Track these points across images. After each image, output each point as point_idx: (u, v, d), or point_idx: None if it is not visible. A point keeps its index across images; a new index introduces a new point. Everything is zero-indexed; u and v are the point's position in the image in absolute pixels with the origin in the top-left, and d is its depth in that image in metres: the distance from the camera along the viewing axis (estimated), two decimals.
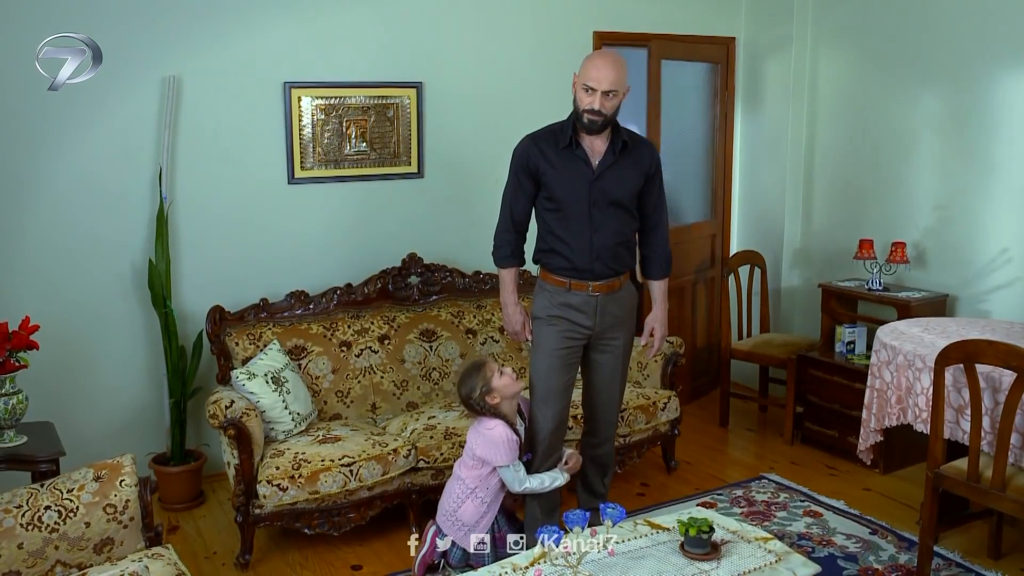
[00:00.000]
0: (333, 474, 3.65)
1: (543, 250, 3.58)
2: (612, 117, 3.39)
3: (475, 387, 3.36)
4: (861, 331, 4.87)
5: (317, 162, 4.59)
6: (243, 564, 3.67)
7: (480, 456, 3.35)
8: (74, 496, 2.79)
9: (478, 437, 3.37)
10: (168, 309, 4.18)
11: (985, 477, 3.26)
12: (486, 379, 3.36)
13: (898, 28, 4.95)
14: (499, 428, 3.34)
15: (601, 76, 3.30)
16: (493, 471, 3.40)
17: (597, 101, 3.30)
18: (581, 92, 3.35)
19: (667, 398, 4.48)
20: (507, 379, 3.40)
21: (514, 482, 3.38)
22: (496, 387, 3.36)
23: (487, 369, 3.39)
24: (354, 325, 4.40)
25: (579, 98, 3.36)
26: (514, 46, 5.03)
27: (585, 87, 3.33)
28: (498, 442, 3.31)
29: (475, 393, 3.36)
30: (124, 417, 4.33)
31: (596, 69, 3.32)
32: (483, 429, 3.36)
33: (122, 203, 4.21)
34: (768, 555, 2.81)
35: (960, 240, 4.71)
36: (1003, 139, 4.48)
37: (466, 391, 3.38)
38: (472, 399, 3.37)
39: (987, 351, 3.16)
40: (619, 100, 3.37)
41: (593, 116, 3.33)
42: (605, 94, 3.30)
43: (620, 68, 3.33)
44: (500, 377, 3.38)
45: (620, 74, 3.33)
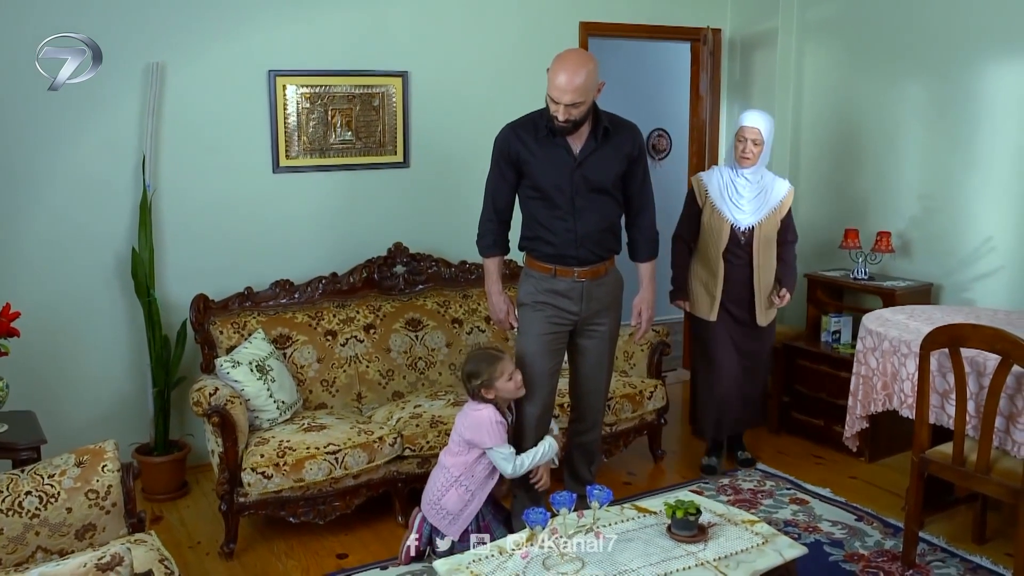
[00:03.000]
0: (318, 462, 3.63)
1: (528, 237, 3.58)
2: (584, 119, 3.33)
3: (479, 375, 3.36)
4: (847, 320, 4.88)
5: (302, 151, 4.57)
6: (227, 553, 3.64)
7: (468, 439, 3.35)
8: (55, 482, 2.76)
9: (465, 419, 3.38)
10: (152, 298, 4.15)
11: (970, 461, 3.28)
12: (492, 375, 3.36)
13: (882, 20, 4.97)
14: (486, 411, 3.34)
15: (564, 87, 3.20)
16: (479, 458, 3.39)
17: (561, 112, 3.25)
18: (550, 101, 3.27)
19: (653, 387, 4.48)
20: (512, 385, 3.40)
21: (506, 464, 3.37)
22: (498, 387, 3.36)
23: (500, 366, 3.38)
24: (339, 314, 4.37)
25: (547, 102, 3.30)
26: (500, 36, 5.01)
27: (549, 97, 3.26)
28: (483, 423, 3.31)
29: (476, 380, 3.37)
30: (107, 407, 4.29)
31: (558, 79, 3.21)
32: (470, 411, 3.37)
33: (105, 191, 4.18)
34: (755, 537, 2.81)
35: (944, 229, 4.73)
36: (986, 129, 4.51)
37: (469, 373, 3.40)
38: (471, 383, 3.38)
39: (972, 335, 3.18)
40: (587, 105, 3.29)
41: (561, 123, 3.29)
42: (570, 105, 3.23)
43: (583, 75, 3.20)
44: (506, 381, 3.37)
45: (583, 82, 3.20)
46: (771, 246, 4.27)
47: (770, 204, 4.22)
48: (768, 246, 4.25)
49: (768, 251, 4.26)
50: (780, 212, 4.26)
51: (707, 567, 2.63)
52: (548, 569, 2.61)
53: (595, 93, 3.31)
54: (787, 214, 4.30)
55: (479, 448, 3.36)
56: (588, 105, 3.29)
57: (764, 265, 4.25)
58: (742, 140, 4.15)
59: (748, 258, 4.23)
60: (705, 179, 4.32)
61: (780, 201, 4.25)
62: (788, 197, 4.28)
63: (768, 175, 4.27)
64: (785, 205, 4.27)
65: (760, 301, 4.27)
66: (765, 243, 4.23)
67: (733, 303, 4.28)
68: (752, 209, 4.20)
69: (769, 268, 4.28)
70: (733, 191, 4.21)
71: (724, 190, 4.23)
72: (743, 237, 4.21)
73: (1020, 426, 3.19)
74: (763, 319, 4.31)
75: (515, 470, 3.39)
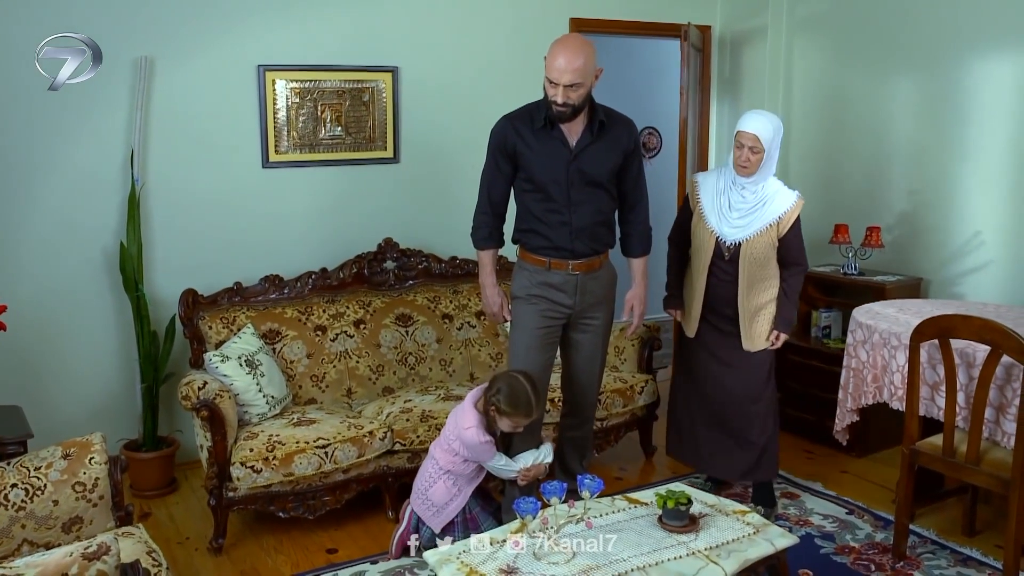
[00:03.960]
0: (308, 456, 3.61)
1: (522, 230, 3.57)
2: (582, 105, 3.32)
3: (501, 407, 3.27)
4: (837, 316, 4.89)
5: (292, 146, 4.55)
6: (216, 548, 3.61)
7: (464, 456, 3.35)
8: (42, 474, 2.73)
9: (456, 430, 3.36)
10: (140, 293, 4.12)
11: (960, 452, 3.28)
12: (510, 416, 3.28)
13: (872, 16, 4.98)
14: (472, 430, 3.31)
15: (562, 69, 3.19)
16: (468, 459, 3.39)
17: (560, 94, 3.23)
18: (548, 85, 3.26)
19: (644, 382, 4.48)
20: (514, 427, 3.36)
21: (508, 472, 3.40)
22: (500, 424, 3.33)
23: (520, 420, 3.30)
24: (329, 310, 4.36)
25: (546, 87, 3.29)
26: (490, 31, 5.01)
27: (548, 80, 3.25)
28: (473, 443, 3.31)
29: (492, 400, 3.29)
30: (95, 403, 4.26)
31: (556, 61, 3.21)
32: (461, 423, 3.34)
33: (94, 185, 4.15)
34: (746, 527, 2.81)
35: (934, 224, 4.74)
36: (976, 124, 4.52)
37: (499, 390, 3.30)
38: (493, 397, 3.30)
39: (961, 326, 3.18)
40: (586, 88, 3.28)
41: (560, 108, 3.27)
42: (568, 87, 3.22)
43: (583, 58, 3.20)
44: (512, 426, 3.34)
45: (583, 64, 3.20)
46: (763, 266, 3.67)
47: (765, 219, 3.61)
48: (758, 266, 3.66)
49: (759, 271, 3.67)
50: (778, 229, 3.63)
51: (698, 556, 2.62)
52: (539, 559, 2.60)
53: (593, 80, 3.30)
54: (790, 232, 3.64)
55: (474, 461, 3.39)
56: (587, 89, 3.28)
57: (752, 287, 3.68)
58: (739, 147, 3.58)
59: (734, 275, 3.69)
60: (700, 181, 3.81)
61: (779, 216, 3.61)
62: (792, 212, 3.62)
63: (773, 185, 3.67)
64: (786, 221, 3.62)
65: (745, 325, 3.71)
66: (753, 262, 3.65)
67: (721, 320, 3.77)
68: (743, 222, 3.64)
69: (761, 291, 3.70)
70: (726, 200, 3.68)
71: (718, 197, 3.70)
72: (727, 252, 3.68)
73: (1010, 417, 3.20)
74: (749, 343, 3.73)
75: (514, 475, 3.41)
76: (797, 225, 3.65)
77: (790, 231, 3.64)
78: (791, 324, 3.76)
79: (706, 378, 3.84)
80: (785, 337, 3.74)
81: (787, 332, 3.75)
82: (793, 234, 3.65)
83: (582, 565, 2.56)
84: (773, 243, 3.64)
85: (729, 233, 3.66)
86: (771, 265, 3.68)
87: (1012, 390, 3.18)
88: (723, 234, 3.68)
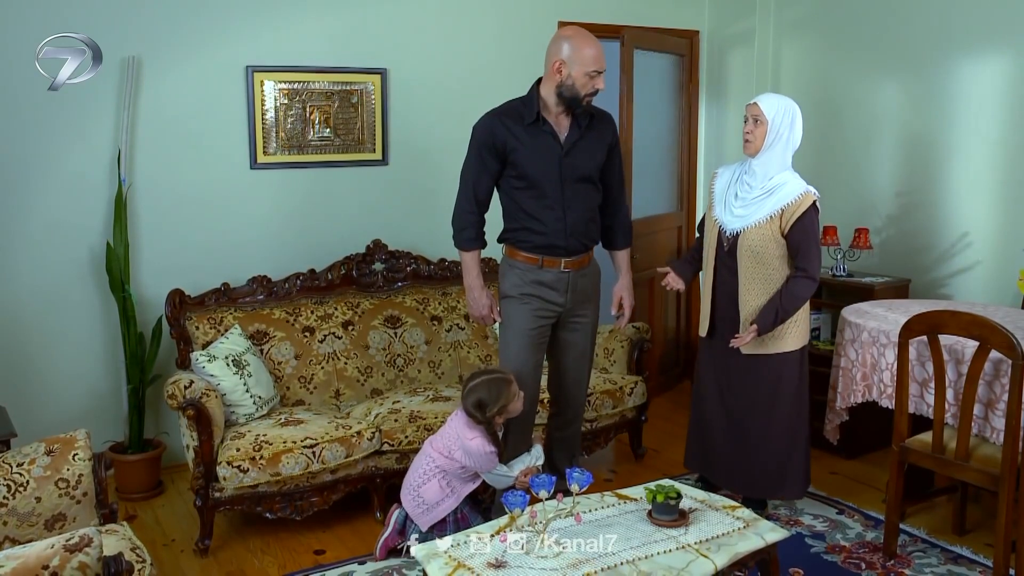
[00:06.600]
0: (295, 456, 3.57)
1: (512, 229, 3.54)
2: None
3: (496, 401, 3.28)
4: (826, 317, 4.89)
5: (280, 147, 4.54)
6: (202, 550, 3.57)
7: (465, 465, 3.34)
8: (24, 470, 2.70)
9: (458, 440, 3.34)
10: (127, 294, 4.09)
11: (949, 449, 3.28)
12: (509, 398, 3.30)
13: (858, 18, 5.01)
14: (478, 440, 3.30)
15: (601, 55, 3.35)
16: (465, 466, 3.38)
17: (602, 80, 3.36)
18: (585, 78, 3.32)
19: (634, 383, 4.46)
20: (519, 402, 3.37)
21: (503, 481, 3.39)
22: (511, 409, 3.33)
23: (513, 387, 3.32)
24: (317, 311, 4.33)
25: (581, 84, 3.33)
26: (478, 34, 5.01)
27: (593, 72, 3.32)
28: (478, 454, 3.30)
29: (494, 408, 3.29)
30: (81, 404, 4.22)
31: (591, 50, 3.32)
32: (465, 435, 3.33)
33: (80, 185, 4.13)
34: (736, 522, 2.79)
35: (922, 225, 4.76)
36: (962, 126, 4.54)
37: (482, 401, 3.29)
38: (487, 412, 3.29)
39: (950, 322, 3.18)
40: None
41: (592, 97, 3.39)
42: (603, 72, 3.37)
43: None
44: (516, 401, 3.34)
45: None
46: (763, 263, 3.48)
47: (766, 209, 3.44)
48: (757, 261, 3.48)
49: (759, 268, 3.48)
50: (780, 222, 3.44)
51: (688, 550, 2.60)
52: (528, 553, 2.57)
53: None
54: (796, 229, 3.43)
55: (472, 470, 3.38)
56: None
57: (752, 283, 3.50)
58: (745, 120, 3.51)
59: (735, 271, 3.54)
60: (719, 173, 3.72)
61: (782, 207, 3.42)
62: (796, 205, 3.42)
63: (784, 174, 3.50)
64: (790, 214, 3.42)
65: (745, 326, 3.51)
66: (751, 256, 3.48)
67: (730, 325, 3.59)
68: (744, 211, 3.49)
69: (762, 292, 3.49)
70: (734, 189, 3.57)
71: (728, 187, 3.60)
72: (727, 243, 3.56)
73: (999, 412, 3.19)
74: (747, 346, 3.51)
75: (512, 478, 3.40)
76: (805, 223, 3.43)
77: (796, 228, 3.42)
78: (770, 326, 3.45)
79: (718, 388, 3.70)
80: (754, 334, 3.42)
81: (764, 329, 3.44)
82: (800, 233, 3.43)
83: (571, 559, 2.54)
84: (775, 237, 3.45)
85: (729, 221, 3.54)
86: (773, 263, 3.47)
87: (1001, 386, 3.18)
88: (724, 223, 3.57)
